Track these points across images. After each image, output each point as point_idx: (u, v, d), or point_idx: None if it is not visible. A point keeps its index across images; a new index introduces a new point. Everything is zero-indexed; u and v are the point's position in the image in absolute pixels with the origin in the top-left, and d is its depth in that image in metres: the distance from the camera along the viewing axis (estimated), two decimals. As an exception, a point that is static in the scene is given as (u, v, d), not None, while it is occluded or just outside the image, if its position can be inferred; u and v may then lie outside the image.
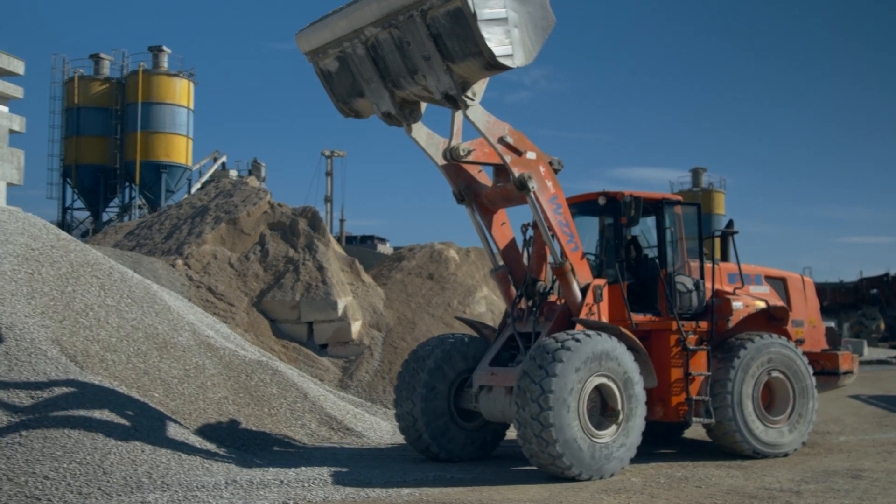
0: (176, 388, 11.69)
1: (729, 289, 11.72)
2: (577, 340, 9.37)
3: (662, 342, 11.00)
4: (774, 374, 11.33)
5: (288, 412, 12.78)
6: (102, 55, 50.65)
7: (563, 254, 10.37)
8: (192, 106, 50.56)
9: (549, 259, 10.72)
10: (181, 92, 49.67)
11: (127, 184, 51.66)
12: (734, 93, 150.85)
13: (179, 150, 50.37)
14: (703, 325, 11.20)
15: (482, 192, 11.04)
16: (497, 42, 8.67)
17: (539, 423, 9.06)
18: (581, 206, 11.73)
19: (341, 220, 45.55)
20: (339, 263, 20.41)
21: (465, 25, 8.63)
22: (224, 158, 55.74)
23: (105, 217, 52.57)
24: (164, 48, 49.36)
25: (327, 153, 45.46)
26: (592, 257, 11.40)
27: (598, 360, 9.44)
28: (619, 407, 9.66)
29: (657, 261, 11.35)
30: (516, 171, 10.05)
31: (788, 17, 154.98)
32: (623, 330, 10.11)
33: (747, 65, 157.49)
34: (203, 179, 52.37)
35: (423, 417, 10.81)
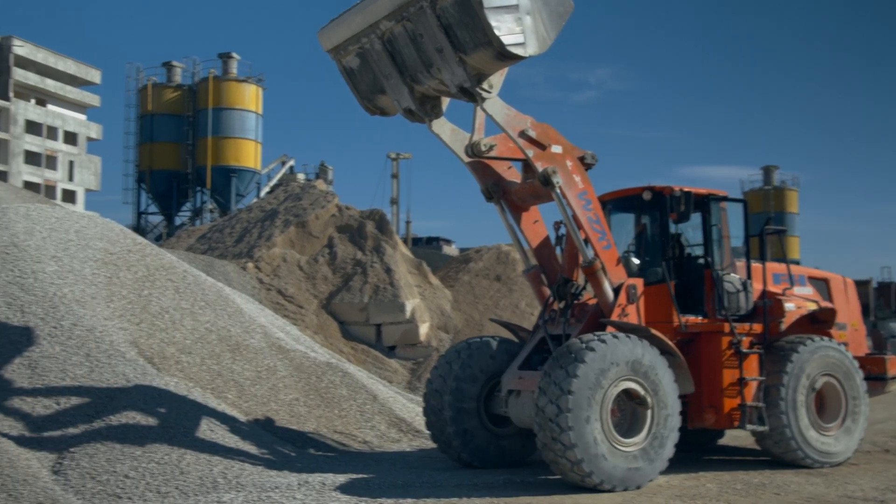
0: (249, 389, 11.87)
1: (776, 289, 11.24)
2: (603, 342, 8.92)
3: (713, 345, 10.48)
4: (826, 379, 10.80)
5: (358, 414, 12.87)
6: (174, 63, 51.89)
7: (594, 252, 9.95)
8: (260, 111, 51.45)
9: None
10: (250, 97, 50.58)
11: (198, 188, 52.83)
12: (807, 87, 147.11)
13: (248, 154, 51.29)
14: (756, 327, 10.71)
15: (511, 189, 10.57)
16: (507, 30, 8.37)
17: (557, 427, 8.62)
18: (618, 202, 11.34)
19: (407, 222, 45.81)
20: (407, 265, 20.51)
21: (472, 14, 8.34)
22: (292, 162, 56.57)
23: (178, 221, 53.84)
24: (234, 55, 50.32)
25: (393, 155, 45.78)
26: (632, 256, 11.03)
27: (624, 363, 8.95)
28: (649, 414, 9.16)
29: (703, 260, 10.87)
30: (539, 166, 9.58)
31: (863, 10, 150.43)
32: (654, 332, 9.61)
33: (821, 59, 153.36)
34: (272, 183, 53.22)
35: (451, 422, 10.39)
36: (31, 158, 68.37)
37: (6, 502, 8.16)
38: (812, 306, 11.25)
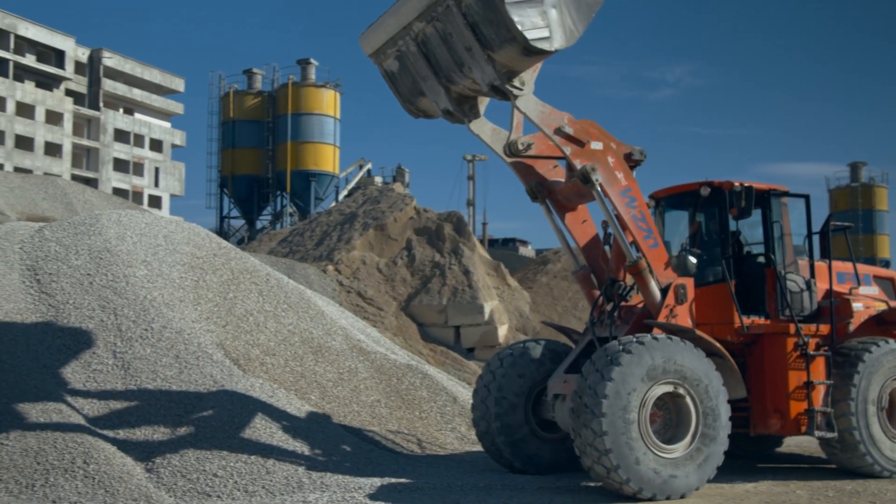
0: (331, 390, 12.05)
1: (842, 289, 10.72)
2: (642, 344, 8.56)
3: (777, 347, 9.97)
4: (895, 383, 10.22)
5: (438, 416, 12.92)
6: (255, 70, 53.02)
7: (639, 251, 9.61)
8: (338, 115, 52.18)
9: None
10: (328, 102, 51.35)
11: (278, 192, 53.84)
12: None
13: (327, 158, 52.07)
14: (823, 328, 10.21)
15: (556, 189, 10.24)
16: (531, 25, 8.13)
17: (592, 432, 8.29)
18: (673, 199, 11.00)
19: (484, 224, 45.83)
20: (485, 267, 20.52)
21: (495, 11, 8.16)
22: (369, 165, 57.20)
23: (259, 224, 54.96)
24: (312, 60, 51.16)
25: (469, 157, 45.87)
26: (689, 254, 10.59)
27: (666, 366, 8.56)
28: (693, 419, 8.74)
29: (763, 258, 10.42)
30: (578, 163, 9.27)
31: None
32: (700, 334, 9.25)
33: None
34: (349, 186, 53.91)
35: (497, 426, 10.15)
36: (120, 166, 70.84)
37: (104, 498, 8.46)
38: (881, 306, 10.76)
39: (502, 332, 18.73)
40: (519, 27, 8.10)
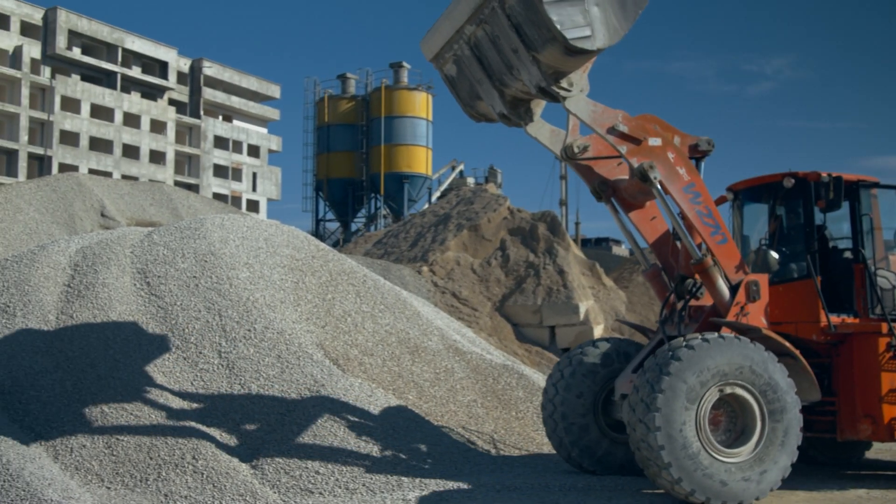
0: (428, 390, 12.15)
1: None
2: (705, 342, 8.25)
3: (868, 347, 9.43)
4: None
5: (535, 416, 12.88)
6: (349, 75, 53.92)
7: (706, 248, 9.21)
8: (430, 117, 52.59)
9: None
10: (420, 105, 51.82)
11: (372, 195, 54.57)
12: None
13: (420, 160, 52.52)
14: None
15: (621, 187, 9.92)
16: (571, 24, 7.85)
17: (645, 427, 8.05)
18: (753, 191, 10.54)
19: (576, 224, 45.46)
20: (580, 267, 20.36)
21: (535, 10, 7.90)
22: (462, 166, 57.44)
23: (353, 227, 55.82)
24: (405, 64, 51.71)
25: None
26: (770, 249, 10.15)
27: (728, 366, 8.20)
28: (758, 423, 8.35)
29: (851, 253, 9.90)
30: (635, 162, 8.94)
31: None
32: (769, 333, 8.82)
33: None
34: (442, 188, 54.26)
35: (563, 426, 9.95)
36: (219, 171, 73.15)
37: (212, 493, 8.77)
38: None
39: (598, 331, 18.55)
40: (559, 26, 7.86)
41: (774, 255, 10.07)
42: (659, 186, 8.97)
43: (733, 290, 9.17)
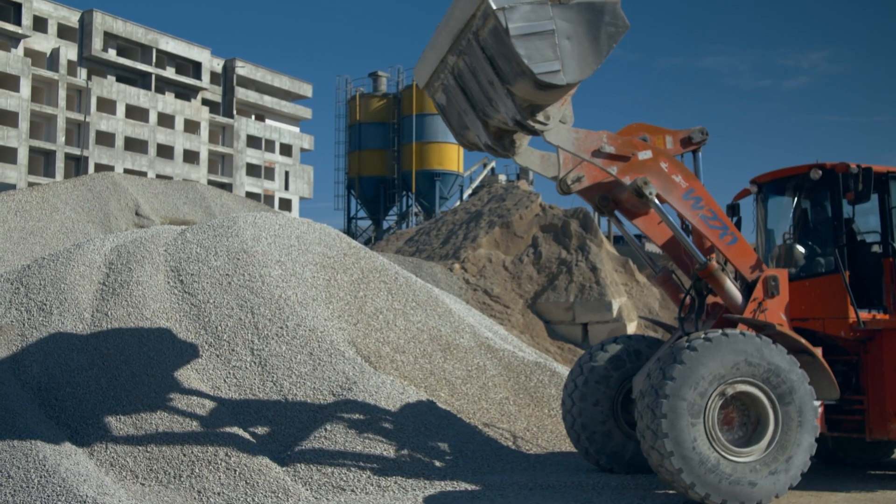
0: (460, 388, 12.12)
1: None
2: (709, 340, 8.04)
3: None
4: None
5: (567, 414, 12.79)
6: (380, 73, 54.04)
7: (711, 252, 9.05)
8: (461, 115, 52.37)
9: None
10: (451, 102, 51.63)
11: (404, 192, 54.62)
12: None
13: (451, 158, 52.46)
14: None
15: (622, 198, 9.54)
16: (540, 57, 7.53)
17: (653, 433, 7.87)
18: (776, 184, 10.25)
19: (609, 220, 45.08)
20: (612, 264, 20.20)
21: (504, 43, 7.60)
22: (493, 164, 57.32)
23: (385, 225, 55.95)
24: (435, 61, 51.58)
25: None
26: (796, 244, 9.93)
27: (736, 364, 7.98)
28: (771, 422, 8.11)
29: (879, 247, 9.58)
30: (627, 180, 8.71)
31: None
32: (783, 329, 8.58)
33: None
34: (474, 185, 54.20)
35: (580, 423, 9.82)
36: (252, 170, 73.68)
37: (244, 490, 8.80)
38: None
39: (631, 328, 18.38)
40: (526, 61, 7.53)
41: (801, 249, 9.89)
42: (656, 201, 8.75)
43: (751, 287, 8.98)
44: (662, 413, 7.83)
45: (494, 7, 7.51)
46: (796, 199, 10.31)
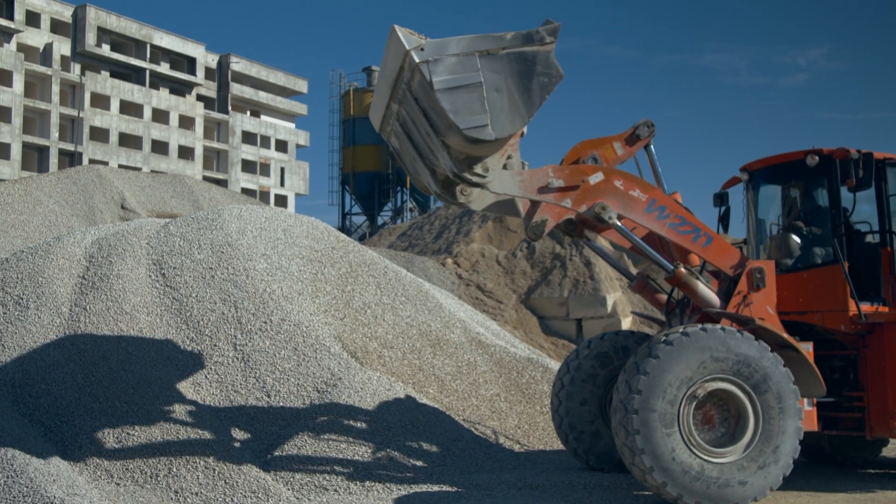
0: (449, 384, 11.81)
1: None
2: (686, 335, 7.70)
3: None
4: None
5: (560, 411, 12.50)
6: (374, 67, 53.69)
7: (684, 258, 8.74)
8: (456, 110, 52.06)
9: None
10: (446, 97, 51.33)
11: (398, 188, 54.25)
12: None
13: (446, 153, 52.04)
14: None
15: (587, 217, 8.89)
16: (466, 112, 7.17)
17: (629, 449, 7.58)
18: (769, 171, 9.90)
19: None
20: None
21: (431, 97, 7.22)
22: (488, 159, 56.90)
23: (380, 220, 55.59)
24: (430, 56, 51.26)
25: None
26: (784, 233, 9.59)
27: (688, 368, 7.61)
28: (751, 420, 7.77)
29: (875, 237, 9.25)
30: (584, 209, 8.28)
31: None
32: (763, 324, 8.23)
33: None
34: (469, 181, 53.80)
35: (567, 422, 9.53)
36: (247, 167, 73.34)
37: (223, 490, 8.49)
38: None
39: (626, 323, 18.09)
40: (451, 116, 7.16)
41: (796, 239, 9.56)
42: (618, 223, 8.38)
43: (733, 281, 8.65)
44: (635, 429, 7.52)
45: (417, 60, 7.13)
46: (791, 186, 9.97)
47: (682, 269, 8.60)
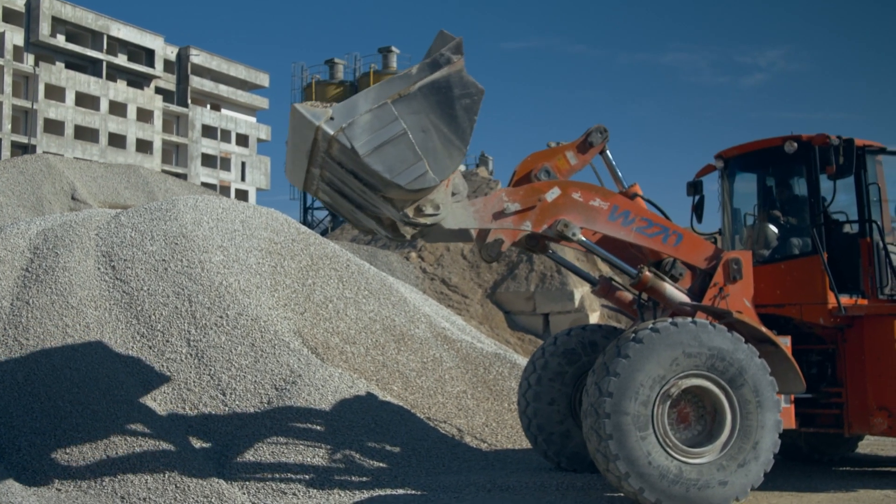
0: (414, 381, 11.36)
1: None
2: (657, 331, 7.32)
3: (882, 332, 8.48)
4: None
5: (528, 408, 12.10)
6: (337, 60, 53.00)
7: (655, 258, 8.38)
8: (420, 104, 51.61)
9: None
10: (410, 91, 50.83)
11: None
12: None
13: (410, 147, 51.59)
14: None
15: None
16: (402, 166, 6.76)
17: (602, 455, 7.22)
18: (745, 159, 9.56)
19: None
20: (575, 252, 19.57)
21: (360, 163, 6.81)
22: (452, 154, 56.50)
23: (343, 216, 54.75)
24: (394, 48, 50.83)
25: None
26: (759, 223, 9.30)
27: (675, 358, 7.26)
28: (728, 419, 7.40)
29: (853, 227, 8.95)
30: (546, 227, 7.92)
31: None
32: (741, 317, 7.91)
33: None
34: (433, 176, 53.37)
35: (536, 423, 9.17)
36: (208, 161, 72.10)
37: (174, 495, 7.98)
38: None
39: (594, 318, 17.77)
40: (388, 176, 6.75)
41: (773, 228, 9.24)
42: (583, 238, 8.03)
43: (707, 274, 8.30)
44: (607, 434, 7.11)
45: (332, 132, 6.64)
46: (768, 174, 9.64)
47: (647, 273, 8.22)
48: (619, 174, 8.91)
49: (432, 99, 6.86)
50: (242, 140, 75.31)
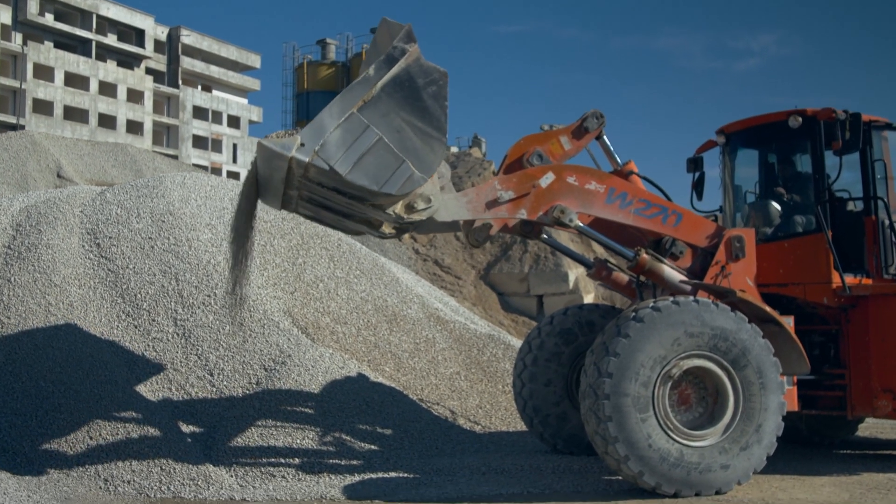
0: (407, 362, 11.13)
1: None
2: (658, 310, 7.11)
3: (887, 312, 8.29)
4: None
5: (523, 390, 11.89)
6: (329, 40, 52.59)
7: (655, 237, 8.19)
8: (413, 85, 51.28)
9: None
10: (403, 71, 50.49)
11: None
12: None
13: (403, 129, 51.30)
14: None
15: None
16: (387, 173, 6.56)
17: (601, 437, 7.02)
18: (747, 134, 9.33)
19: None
20: (569, 234, 19.33)
21: (343, 182, 6.60)
22: (445, 135, 56.22)
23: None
24: (386, 29, 50.28)
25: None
26: (762, 200, 9.09)
27: (677, 338, 7.05)
28: (731, 400, 7.19)
29: (857, 204, 8.76)
30: (542, 214, 7.68)
31: None
32: (744, 295, 7.69)
33: None
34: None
35: (539, 420, 8.99)
36: (199, 142, 71.53)
37: (159, 477, 7.76)
38: None
39: (588, 300, 17.57)
40: (376, 187, 6.55)
41: (776, 206, 9.01)
42: (580, 224, 7.79)
43: (709, 253, 8.08)
44: (607, 416, 6.92)
45: (307, 159, 6.39)
46: (771, 150, 9.40)
47: (645, 256, 7.99)
48: (618, 159, 8.70)
49: (397, 96, 6.63)
50: (234, 122, 74.73)
